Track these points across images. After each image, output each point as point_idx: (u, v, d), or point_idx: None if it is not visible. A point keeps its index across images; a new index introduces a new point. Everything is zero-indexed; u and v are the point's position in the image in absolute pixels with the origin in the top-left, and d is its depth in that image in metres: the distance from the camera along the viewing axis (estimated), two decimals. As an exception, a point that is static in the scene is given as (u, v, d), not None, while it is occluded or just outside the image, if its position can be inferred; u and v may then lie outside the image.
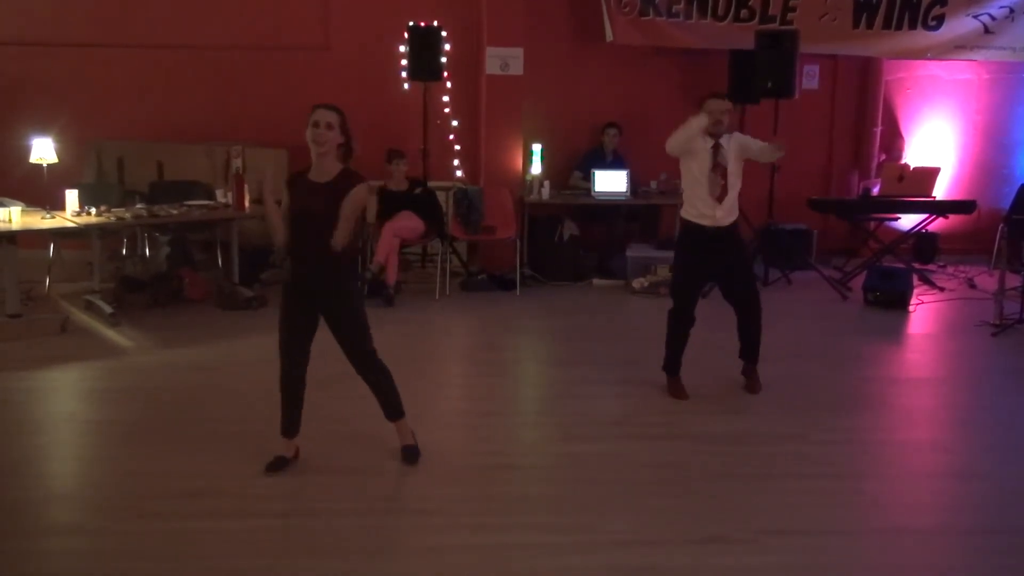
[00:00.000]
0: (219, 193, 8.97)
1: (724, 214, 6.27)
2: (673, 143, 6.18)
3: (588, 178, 10.17)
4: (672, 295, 6.57)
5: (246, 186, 8.63)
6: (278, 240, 4.99)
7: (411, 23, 9.65)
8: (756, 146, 6.30)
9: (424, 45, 9.61)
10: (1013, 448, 5.83)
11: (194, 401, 6.26)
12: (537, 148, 10.27)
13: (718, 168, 6.19)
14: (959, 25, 10.81)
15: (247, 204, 8.65)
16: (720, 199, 6.21)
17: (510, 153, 10.20)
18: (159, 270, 9.09)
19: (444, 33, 9.76)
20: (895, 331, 8.58)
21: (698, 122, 6.06)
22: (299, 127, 9.75)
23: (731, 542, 4.47)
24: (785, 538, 4.52)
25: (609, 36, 10.21)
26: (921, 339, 8.47)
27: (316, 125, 4.91)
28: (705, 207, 6.24)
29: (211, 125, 10.04)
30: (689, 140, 6.12)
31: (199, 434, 5.66)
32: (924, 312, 9.13)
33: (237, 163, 8.81)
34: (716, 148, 6.20)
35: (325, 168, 4.96)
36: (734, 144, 6.28)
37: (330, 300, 5.06)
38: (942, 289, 9.94)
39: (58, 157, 8.51)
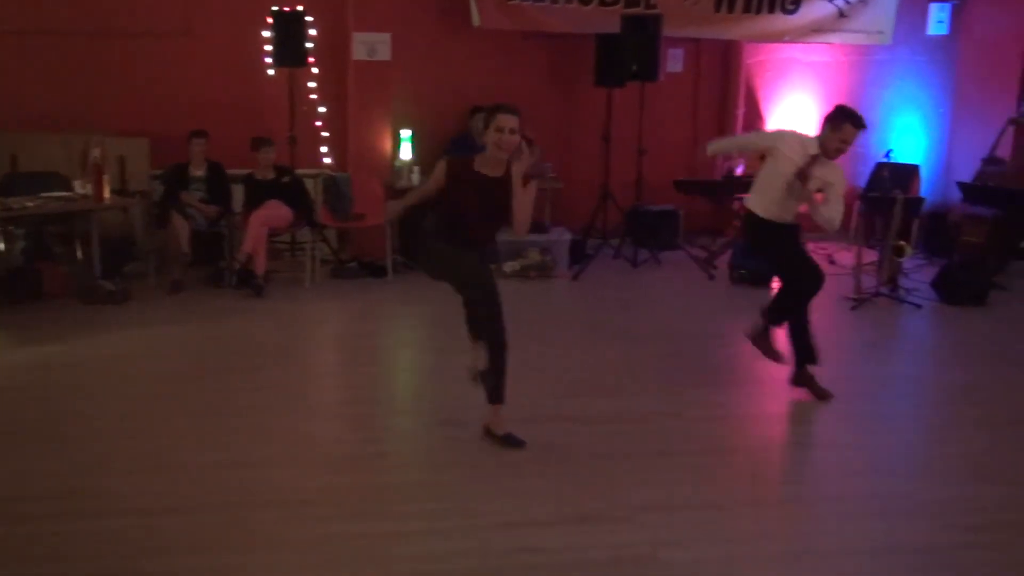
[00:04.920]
0: (77, 184, 8.66)
1: (787, 215, 6.19)
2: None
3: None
4: (801, 284, 6.24)
5: (105, 177, 8.36)
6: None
7: (275, 8, 9.47)
8: (833, 196, 6.09)
9: (289, 30, 9.45)
10: (873, 417, 6.06)
11: (58, 399, 6.04)
12: (406, 134, 10.21)
13: (802, 175, 5.93)
14: (815, 9, 11.12)
15: (106, 195, 8.38)
16: (796, 201, 6.07)
17: (379, 139, 10.12)
18: (15, 264, 8.74)
19: (309, 18, 9.61)
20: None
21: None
22: (161, 115, 9.68)
23: (608, 520, 4.53)
24: (660, 514, 4.60)
25: (476, 20, 10.19)
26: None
27: (501, 131, 4.97)
28: (769, 206, 6.16)
29: (67, 114, 9.65)
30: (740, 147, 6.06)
31: (66, 433, 5.47)
32: (787, 289, 9.37)
33: (96, 153, 8.52)
34: (814, 159, 5.94)
35: (496, 164, 5.09)
36: (833, 172, 6.04)
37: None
38: (804, 266, 10.22)
39: (-98, 149, 8.12)
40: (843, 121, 5.87)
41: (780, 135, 6.18)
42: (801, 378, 6.27)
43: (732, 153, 5.84)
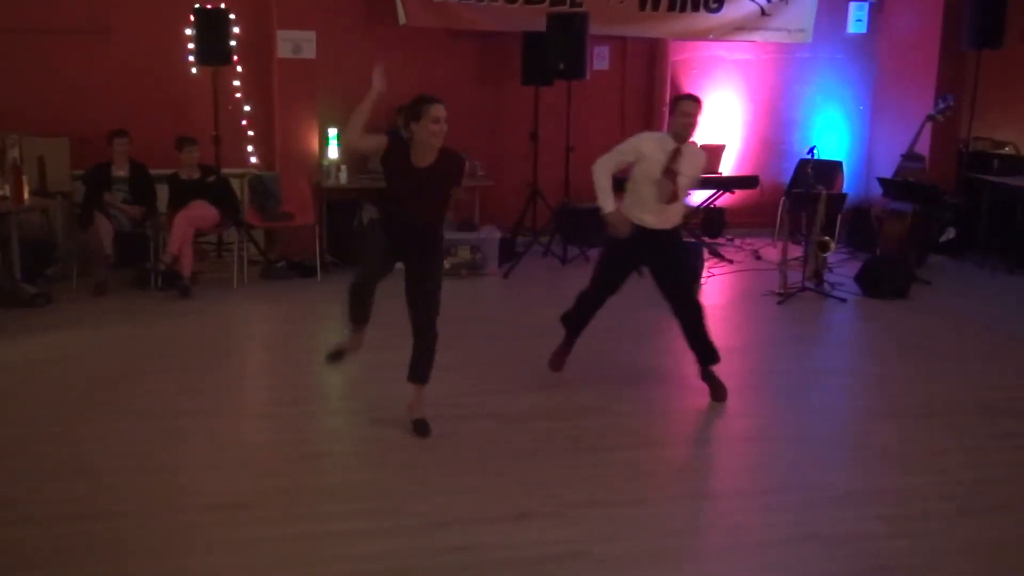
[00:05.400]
0: (-6, 186, 8.48)
1: (659, 220, 6.06)
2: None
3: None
4: (591, 279, 6.33)
5: (24, 177, 8.19)
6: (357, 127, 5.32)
7: (197, 5, 9.34)
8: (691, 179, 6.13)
9: (212, 28, 9.32)
10: (799, 410, 6.16)
11: (-23, 406, 5.91)
12: (333, 132, 10.14)
13: (670, 173, 5.93)
14: (738, 7, 11.27)
15: (26, 196, 8.21)
16: (667, 203, 5.98)
17: (306, 138, 10.04)
18: (-69, 269, 8.53)
19: (232, 16, 9.50)
20: (688, 303, 8.88)
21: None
22: (82, 114, 9.47)
23: (539, 517, 4.56)
24: (590, 509, 4.64)
25: (402, 19, 10.15)
26: (713, 310, 8.77)
27: (437, 121, 5.17)
28: (642, 210, 6.06)
29: (-17, 114, 9.45)
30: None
31: (-16, 441, 5.36)
32: (715, 284, 9.51)
33: (14, 153, 8.34)
34: (676, 153, 5.96)
35: (428, 153, 5.26)
36: (698, 160, 6.12)
37: (424, 255, 5.48)
38: (731, 261, 10.38)
39: None
40: (677, 101, 6.09)
41: (637, 139, 6.20)
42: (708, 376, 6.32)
43: (610, 189, 5.94)
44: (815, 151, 9.51)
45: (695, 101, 6.05)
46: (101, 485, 4.81)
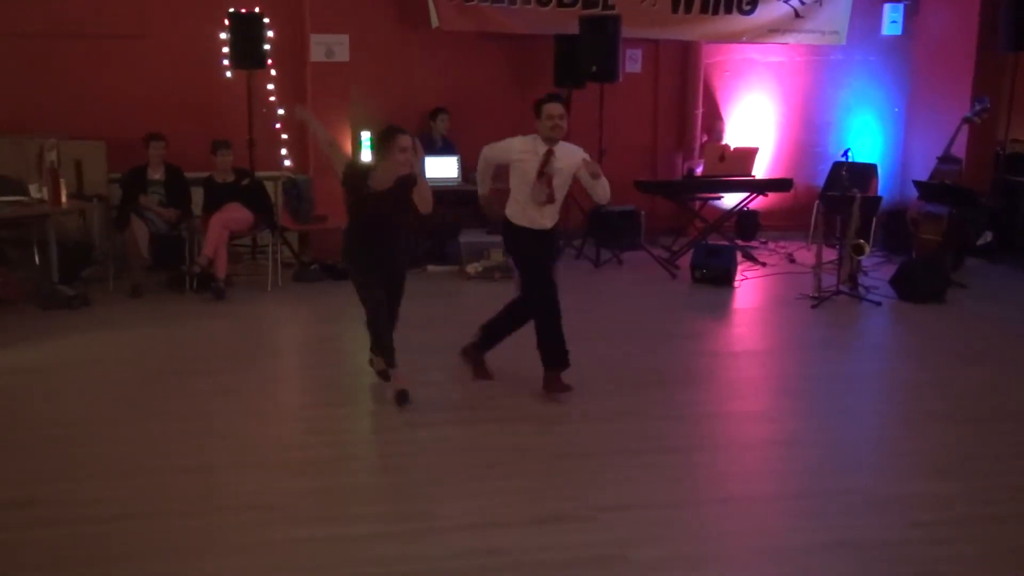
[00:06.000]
0: (33, 188, 8.56)
1: (550, 220, 6.20)
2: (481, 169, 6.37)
3: (418, 164, 10.11)
4: (537, 293, 6.23)
5: (62, 180, 8.28)
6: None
7: (232, 10, 9.41)
8: (586, 180, 6.24)
9: (246, 32, 9.38)
10: (833, 414, 6.11)
11: (17, 406, 5.97)
12: (366, 136, 10.17)
13: (543, 177, 6.04)
14: (771, 10, 11.22)
15: (63, 199, 8.29)
16: (544, 205, 6.10)
17: (339, 141, 10.07)
18: (-31, 271, 8.62)
19: (267, 20, 9.56)
20: (722, 306, 8.86)
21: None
22: (118, 118, 9.55)
23: (571, 520, 4.55)
24: (622, 513, 4.62)
25: (435, 22, 10.18)
26: (746, 313, 8.77)
27: (404, 151, 5.74)
28: (527, 213, 6.14)
29: (21, 117, 9.52)
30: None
31: (24, 440, 5.41)
32: (748, 287, 9.46)
33: (51, 156, 8.43)
34: (548, 155, 6.05)
35: (389, 179, 5.89)
36: (573, 154, 6.20)
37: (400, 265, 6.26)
38: (764, 264, 10.32)
39: None
40: (541, 104, 6.16)
41: (508, 144, 6.23)
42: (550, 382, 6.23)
43: (488, 179, 6.06)
44: (849, 154, 9.45)
45: (559, 102, 6.18)
46: (133, 485, 4.85)
